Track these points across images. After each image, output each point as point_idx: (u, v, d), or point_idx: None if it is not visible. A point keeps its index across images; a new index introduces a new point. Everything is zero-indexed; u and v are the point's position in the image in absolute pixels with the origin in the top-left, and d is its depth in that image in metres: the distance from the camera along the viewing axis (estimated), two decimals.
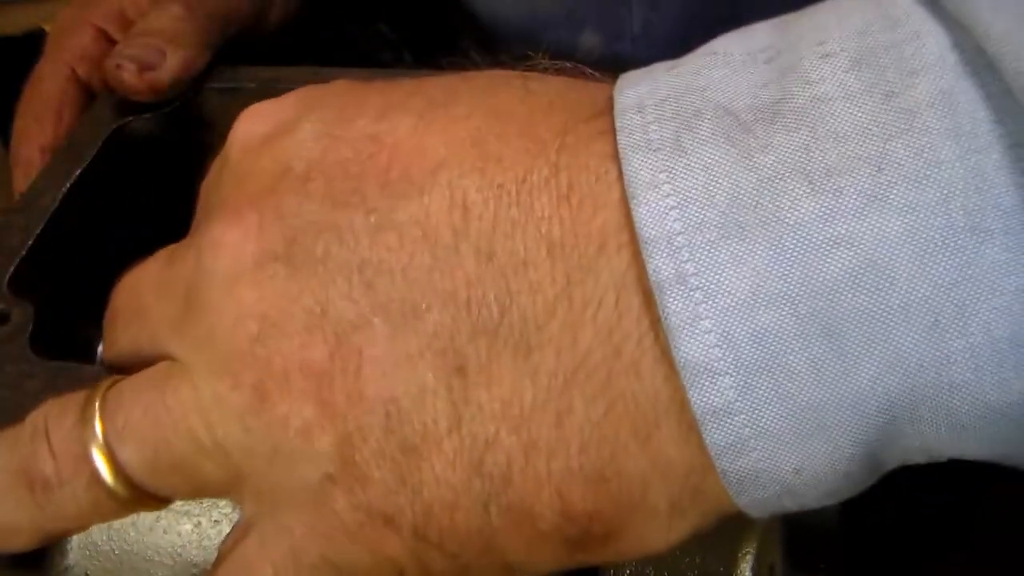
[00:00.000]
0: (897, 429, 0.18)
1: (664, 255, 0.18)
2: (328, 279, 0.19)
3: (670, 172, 0.18)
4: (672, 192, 0.18)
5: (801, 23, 0.19)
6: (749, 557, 0.27)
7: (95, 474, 0.20)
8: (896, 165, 0.17)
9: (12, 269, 0.30)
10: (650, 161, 0.18)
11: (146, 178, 0.37)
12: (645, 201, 0.18)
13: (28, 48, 0.42)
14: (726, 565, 0.27)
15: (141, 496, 0.21)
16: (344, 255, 0.20)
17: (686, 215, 0.18)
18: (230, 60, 0.39)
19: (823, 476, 0.18)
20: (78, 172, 0.34)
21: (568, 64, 0.23)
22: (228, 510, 0.28)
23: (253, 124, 0.23)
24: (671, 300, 0.17)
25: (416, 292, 0.19)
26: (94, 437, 0.20)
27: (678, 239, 0.17)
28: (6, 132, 0.41)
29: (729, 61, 0.19)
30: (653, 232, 0.18)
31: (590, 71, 0.23)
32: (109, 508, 0.21)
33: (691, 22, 0.44)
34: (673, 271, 0.17)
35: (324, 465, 0.19)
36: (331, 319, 0.19)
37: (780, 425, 0.18)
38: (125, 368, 0.22)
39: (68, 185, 0.33)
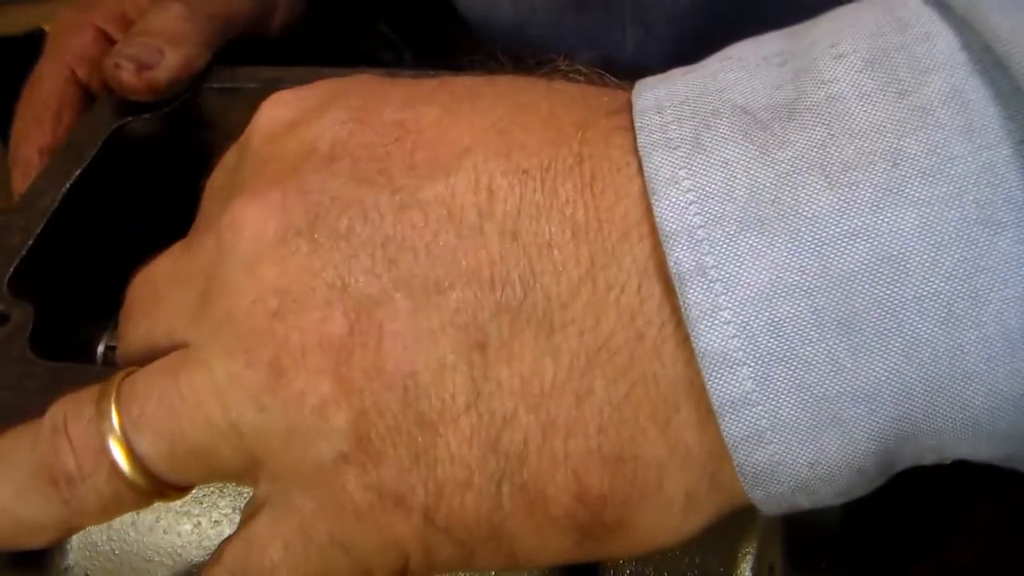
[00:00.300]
0: (912, 424, 0.18)
1: (684, 248, 0.18)
2: (351, 254, 0.20)
3: (689, 168, 0.18)
4: (692, 187, 0.18)
5: (813, 30, 0.20)
6: (749, 557, 0.27)
7: (114, 466, 0.20)
8: (910, 160, 0.17)
9: (12, 270, 0.30)
10: (670, 158, 0.19)
11: (146, 178, 0.37)
12: (665, 196, 0.18)
13: (28, 48, 0.42)
14: (726, 565, 0.27)
15: (161, 485, 0.21)
16: (368, 231, 0.20)
17: (706, 209, 0.18)
18: (231, 60, 0.39)
19: (837, 471, 0.18)
20: (78, 172, 0.34)
21: (585, 68, 0.24)
22: (228, 511, 0.28)
23: (276, 110, 0.23)
24: (691, 291, 0.18)
25: (439, 269, 0.19)
26: (111, 429, 0.20)
27: (698, 232, 0.18)
28: (6, 132, 0.41)
29: (744, 65, 0.20)
30: (674, 226, 0.18)
31: (609, 76, 0.24)
32: (130, 499, 0.21)
33: (684, 44, 0.45)
34: (693, 263, 0.18)
35: (338, 443, 0.19)
36: (352, 294, 0.19)
37: (797, 416, 0.18)
38: (139, 362, 0.22)
39: (68, 185, 0.33)
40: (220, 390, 0.20)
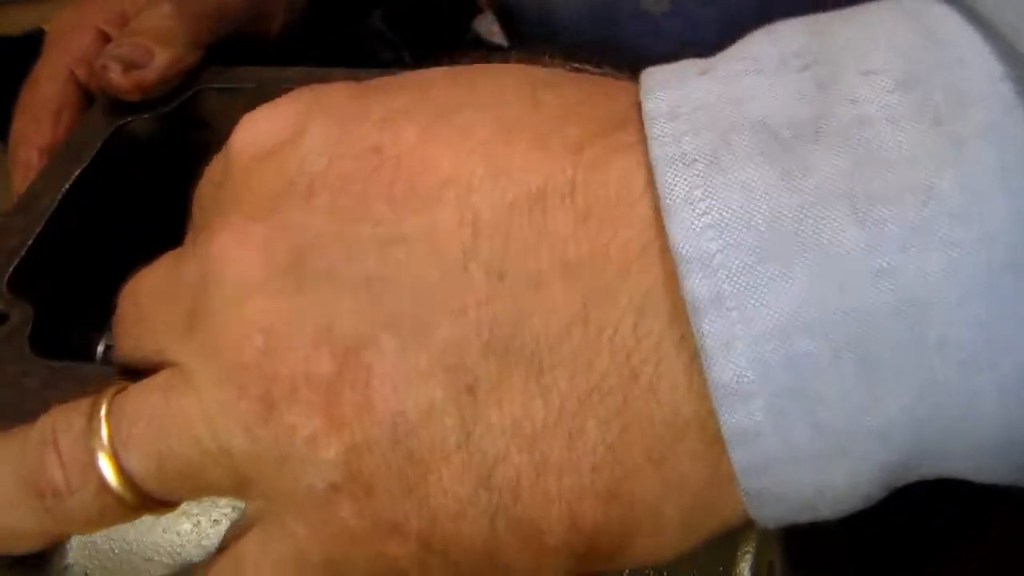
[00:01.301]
0: (922, 454, 0.18)
1: (700, 275, 0.17)
2: (334, 295, 0.19)
3: (706, 189, 0.17)
4: (708, 210, 0.17)
5: (836, 32, 0.19)
6: (748, 556, 0.27)
7: (102, 481, 0.20)
8: (941, 198, 0.16)
9: (11, 269, 0.30)
10: (685, 176, 0.18)
11: (145, 178, 0.37)
12: (680, 217, 0.17)
13: (28, 48, 0.42)
14: (725, 564, 0.27)
15: (149, 501, 0.21)
16: (351, 270, 0.19)
17: (723, 235, 0.17)
18: (230, 61, 0.39)
19: (843, 496, 0.18)
20: (77, 172, 0.34)
21: (577, 65, 0.23)
22: (228, 510, 0.28)
23: (253, 134, 0.22)
24: (707, 322, 0.17)
25: (424, 308, 0.19)
26: (101, 445, 0.20)
27: (715, 259, 0.17)
28: (5, 132, 0.41)
29: (762, 68, 0.19)
30: (689, 251, 0.17)
31: (598, 69, 0.23)
32: (118, 513, 0.21)
33: None
34: (709, 292, 0.17)
35: (330, 474, 0.19)
36: (338, 334, 0.19)
37: (806, 449, 0.17)
38: (133, 370, 0.22)
39: (67, 185, 0.33)
40: (210, 417, 0.20)
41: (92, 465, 0.20)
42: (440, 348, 0.19)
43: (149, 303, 0.22)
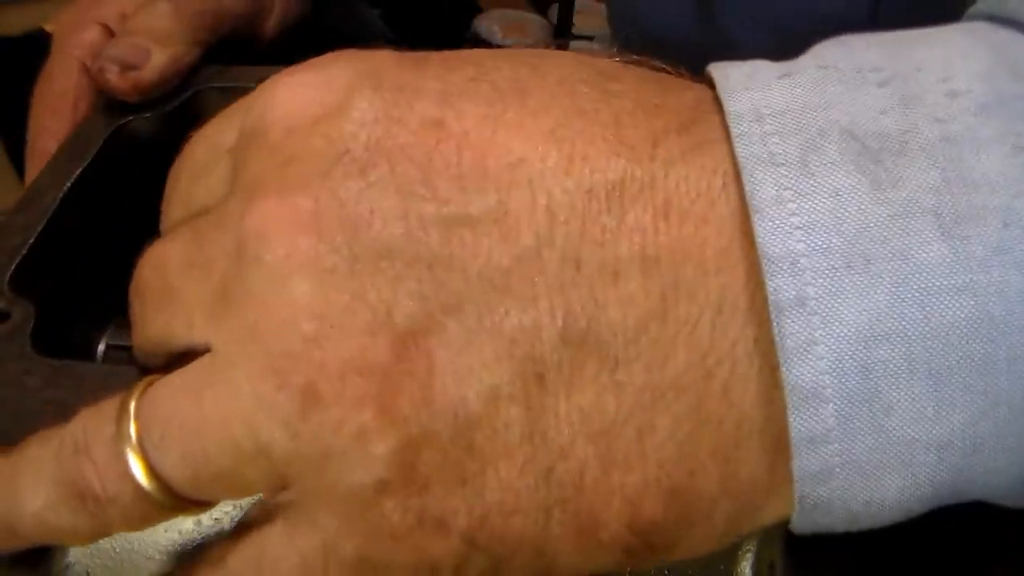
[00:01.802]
0: (973, 475, 0.18)
1: (786, 275, 0.17)
2: (394, 276, 0.18)
3: (796, 191, 0.17)
4: (798, 211, 0.17)
5: (911, 51, 0.19)
6: (749, 555, 0.27)
7: (138, 488, 0.19)
8: (1019, 221, 0.17)
9: (13, 267, 0.30)
10: (774, 176, 0.18)
11: (147, 177, 0.37)
12: (769, 217, 0.17)
13: (28, 48, 0.42)
14: (727, 563, 0.27)
15: (186, 502, 0.20)
16: (412, 250, 0.18)
17: (811, 237, 0.17)
18: (230, 60, 0.39)
19: (888, 511, 0.18)
20: (79, 171, 0.34)
21: (636, 56, 0.22)
22: (228, 507, 0.28)
23: (293, 98, 0.20)
24: (789, 322, 0.17)
25: (493, 294, 0.18)
26: (134, 451, 0.19)
27: (801, 261, 0.17)
28: (6, 132, 0.41)
29: (842, 77, 0.19)
30: (777, 250, 0.17)
31: (658, 64, 0.22)
32: (156, 515, 0.20)
33: None
34: (794, 293, 0.17)
35: (379, 470, 0.18)
36: (398, 319, 0.18)
37: (867, 457, 0.18)
38: (158, 355, 0.21)
39: (69, 184, 0.33)
40: (248, 413, 0.18)
41: (126, 473, 0.19)
42: (509, 336, 0.18)
43: (173, 277, 0.21)
